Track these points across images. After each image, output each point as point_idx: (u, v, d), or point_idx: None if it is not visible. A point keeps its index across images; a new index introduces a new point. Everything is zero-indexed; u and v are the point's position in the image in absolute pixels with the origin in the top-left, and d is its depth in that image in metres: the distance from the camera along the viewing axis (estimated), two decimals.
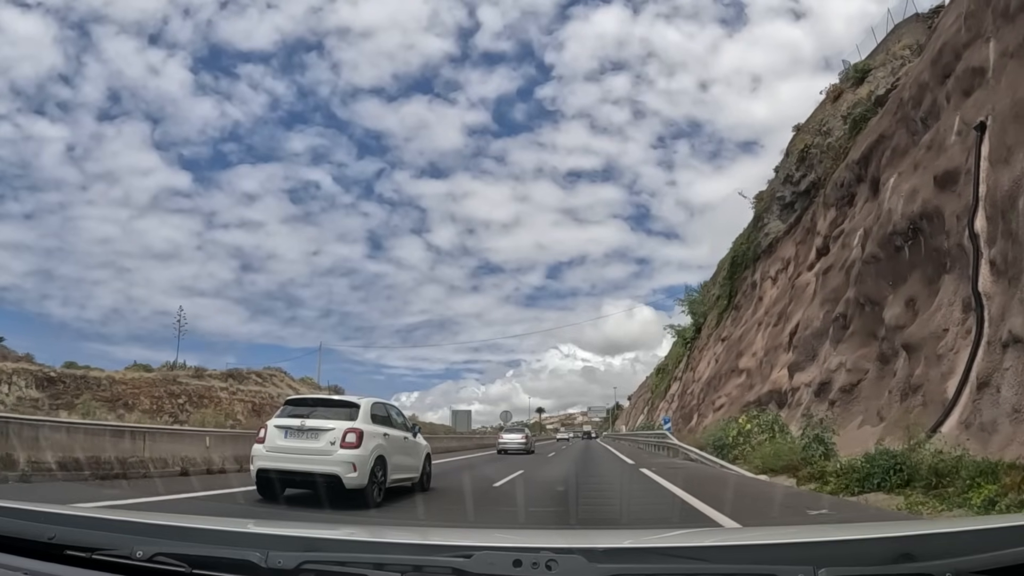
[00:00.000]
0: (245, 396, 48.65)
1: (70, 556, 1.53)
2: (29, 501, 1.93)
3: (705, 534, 2.89)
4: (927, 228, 13.91)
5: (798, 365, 20.25)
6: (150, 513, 2.40)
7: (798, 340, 20.86)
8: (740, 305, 34.21)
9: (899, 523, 4.97)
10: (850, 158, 21.07)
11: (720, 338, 35.89)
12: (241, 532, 1.69)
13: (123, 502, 6.89)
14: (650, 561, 1.48)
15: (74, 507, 2.08)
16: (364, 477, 7.85)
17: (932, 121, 15.14)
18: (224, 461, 12.44)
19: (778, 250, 29.18)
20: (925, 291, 13.74)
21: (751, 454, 14.69)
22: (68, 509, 1.91)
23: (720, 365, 32.99)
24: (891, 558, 1.33)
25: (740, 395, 26.49)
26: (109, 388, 40.76)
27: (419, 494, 9.56)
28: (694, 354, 43.40)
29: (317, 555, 1.47)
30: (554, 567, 1.34)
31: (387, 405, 9.78)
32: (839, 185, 21.79)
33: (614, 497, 10.18)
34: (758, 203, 33.71)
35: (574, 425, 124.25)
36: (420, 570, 1.42)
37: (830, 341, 18.37)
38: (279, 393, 53.24)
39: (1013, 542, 1.33)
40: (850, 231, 19.22)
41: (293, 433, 8.00)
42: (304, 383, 60.45)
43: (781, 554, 1.46)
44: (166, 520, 1.87)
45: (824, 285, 20.07)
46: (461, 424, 70.00)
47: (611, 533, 3.03)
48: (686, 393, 41.88)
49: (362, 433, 8.02)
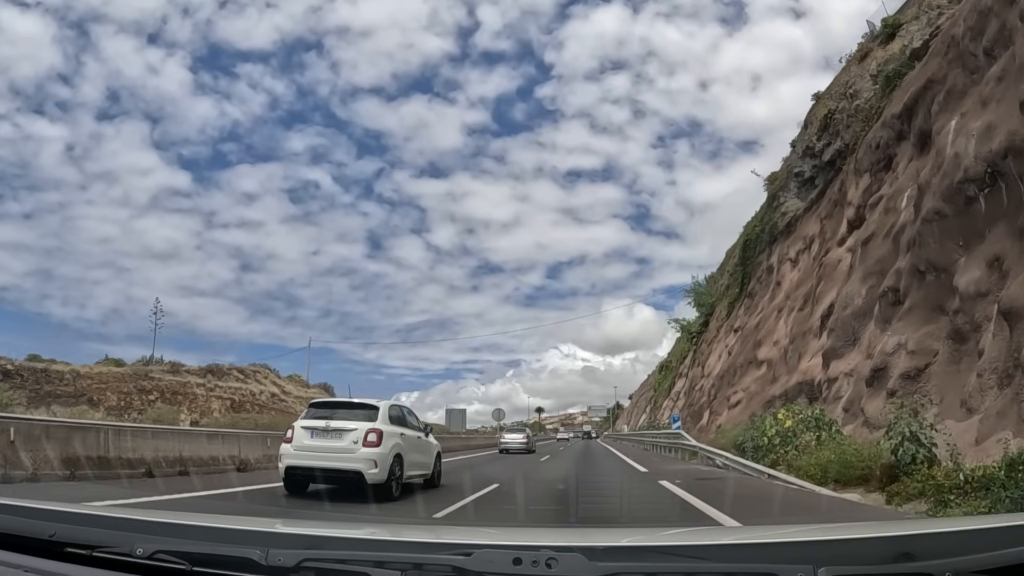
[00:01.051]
0: (224, 393, 47.78)
1: (70, 553, 1.60)
2: (30, 499, 2.04)
3: (705, 533, 2.97)
4: (1012, 168, 12.03)
5: (835, 352, 18.27)
6: (150, 511, 2.50)
7: (834, 323, 18.93)
8: (754, 292, 32.77)
9: (899, 522, 5.08)
10: (887, 115, 19.67)
11: (732, 329, 34.75)
12: (241, 530, 1.74)
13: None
14: (650, 559, 1.54)
15: (74, 505, 2.15)
16: (384, 473, 8.82)
17: (1000, 50, 13.71)
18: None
19: (798, 229, 27.96)
20: (1016, 246, 11.78)
21: (797, 459, 12.43)
22: (68, 507, 1.97)
23: (734, 358, 31.56)
24: (891, 557, 1.39)
25: (761, 389, 24.93)
26: (72, 383, 39.81)
27: (431, 490, 10.58)
28: (702, 348, 42.26)
29: (317, 553, 1.53)
30: (554, 565, 1.39)
31: (402, 407, 10.79)
32: (874, 147, 20.29)
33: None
34: (771, 184, 32.72)
35: (574, 425, 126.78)
36: (420, 568, 1.47)
37: (876, 321, 16.51)
38: (262, 390, 52.19)
39: (1012, 542, 1.38)
40: (894, 194, 17.70)
41: (319, 433, 9.01)
42: (292, 380, 59.73)
43: (781, 553, 1.52)
44: (166, 518, 1.96)
45: (865, 258, 18.39)
46: (455, 423, 69.93)
47: (611, 531, 3.10)
48: (694, 390, 40.60)
49: (382, 433, 9.00)
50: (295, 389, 58.41)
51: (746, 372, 28.31)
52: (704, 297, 44.32)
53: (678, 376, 51.36)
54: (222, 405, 44.77)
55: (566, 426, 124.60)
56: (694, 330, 47.08)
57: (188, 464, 11.63)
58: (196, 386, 46.24)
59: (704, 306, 44.16)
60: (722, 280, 43.30)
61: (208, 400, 45.29)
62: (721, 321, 38.93)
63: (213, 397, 46.05)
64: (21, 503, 1.86)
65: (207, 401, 44.94)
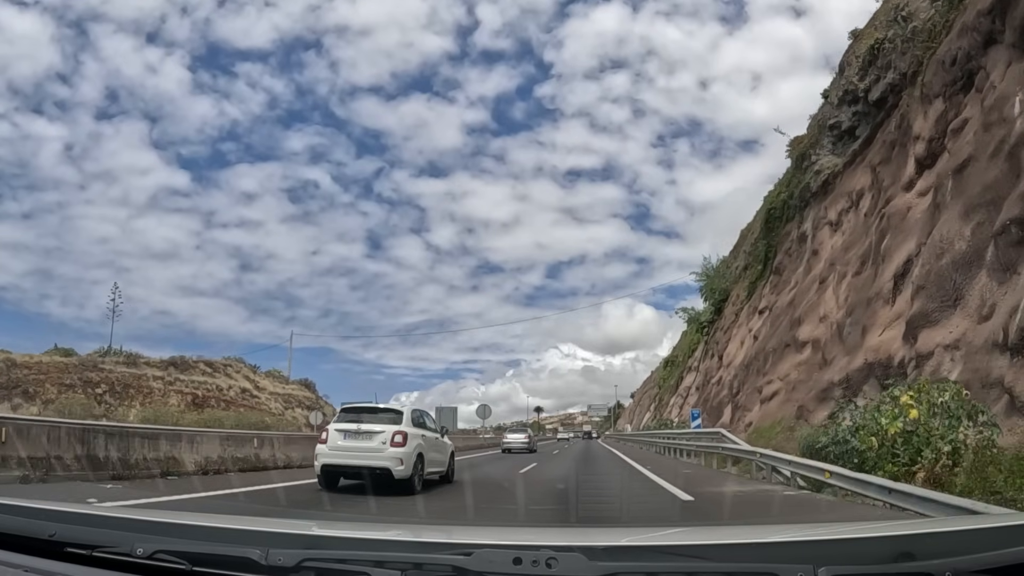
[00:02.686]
0: (185, 387, 46.10)
1: (70, 553, 1.69)
2: (29, 498, 2.12)
3: (705, 532, 3.03)
4: None
5: (926, 317, 14.89)
6: (150, 510, 2.67)
7: (922, 279, 15.71)
8: (782, 267, 30.45)
9: (899, 522, 5.21)
10: (967, 19, 17.34)
11: (756, 311, 32.53)
12: (241, 530, 1.83)
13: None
14: (650, 559, 1.62)
15: (74, 504, 2.24)
16: (409, 469, 10.43)
17: None
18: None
19: (838, 186, 26.12)
20: None
21: (957, 474, 8.40)
22: (68, 506, 2.07)
23: (763, 342, 28.78)
24: (891, 557, 1.46)
25: (807, 377, 21.66)
26: (6, 372, 38.58)
27: (446, 484, 12.34)
28: (716, 337, 40.32)
29: (317, 553, 1.61)
30: (554, 565, 1.47)
31: (422, 411, 12.64)
32: (948, 64, 18.15)
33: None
34: (794, 148, 30.99)
35: (573, 425, 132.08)
36: (420, 568, 1.55)
37: (990, 269, 13.15)
38: (231, 385, 50.35)
39: (1012, 542, 1.46)
40: (995, 104, 15.21)
41: (351, 435, 10.68)
42: (270, 376, 58.19)
43: (781, 552, 1.59)
44: (166, 517, 2.07)
45: (961, 190, 15.45)
46: (446, 422, 71.18)
47: (611, 531, 3.21)
48: (709, 383, 38.18)
49: (407, 435, 10.63)
50: (271, 385, 56.98)
51: (782, 357, 25.34)
52: (716, 282, 42.31)
53: (687, 371, 50.15)
54: (182, 400, 42.60)
55: (565, 426, 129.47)
56: (704, 319, 45.41)
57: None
58: (153, 379, 44.63)
59: (716, 291, 42.10)
60: (737, 262, 41.15)
61: (166, 394, 43.39)
62: (739, 305, 36.69)
63: (172, 391, 44.30)
64: (21, 503, 1.95)
65: (164, 395, 43.11)
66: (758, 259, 35.30)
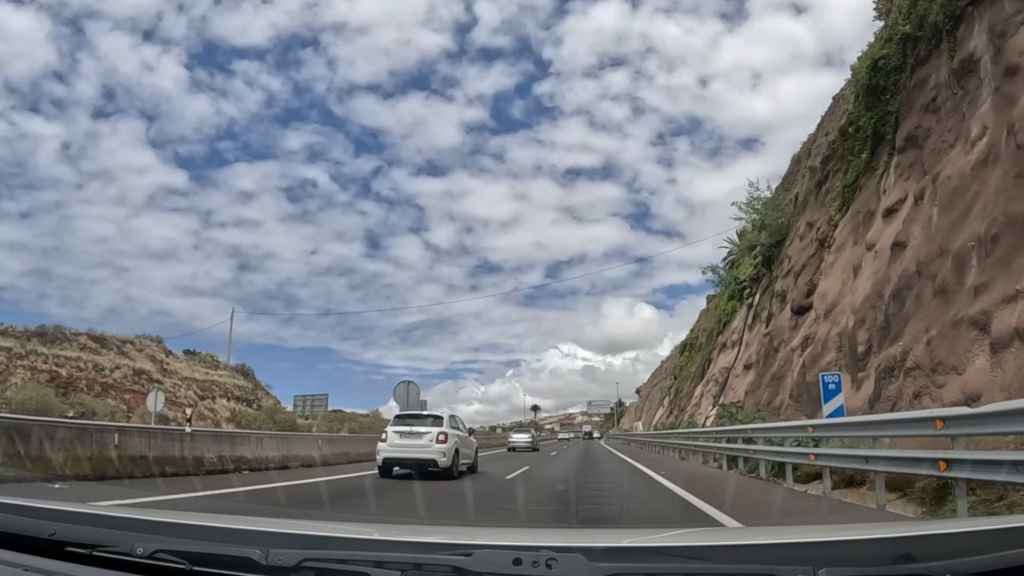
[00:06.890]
0: (50, 364, 41.96)
1: (70, 553, 1.82)
2: (29, 498, 2.23)
3: (705, 534, 3.27)
4: None
5: None
6: (151, 510, 2.90)
7: None
8: (922, 133, 19.42)
9: (899, 523, 5.47)
10: None
11: (871, 216, 21.98)
12: (242, 529, 1.98)
13: None
14: (650, 560, 1.75)
15: (75, 504, 2.38)
16: (450, 461, 15.02)
17: None
18: None
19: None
20: None
21: None
22: (69, 505, 2.20)
23: (927, 244, 16.24)
24: (891, 559, 1.58)
25: None
26: None
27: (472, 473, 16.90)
28: (778, 287, 32.76)
29: (317, 552, 1.74)
30: (554, 566, 1.59)
31: (455, 416, 17.11)
32: None
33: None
34: None
35: (573, 425, 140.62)
36: (420, 568, 1.68)
37: None
38: (118, 365, 46.27)
39: (1013, 543, 1.57)
40: None
41: (405, 435, 15.41)
42: (195, 360, 55.02)
43: (781, 554, 1.72)
44: (167, 517, 2.21)
45: None
46: None
47: (611, 532, 3.43)
48: (777, 351, 29.22)
49: (447, 434, 15.30)
50: (187, 369, 53.24)
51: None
52: (771, 217, 37.06)
53: (718, 350, 45.13)
54: (34, 379, 39.33)
55: (565, 426, 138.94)
56: (746, 277, 41.13)
57: None
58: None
59: (773, 228, 36.62)
60: (794, 189, 36.56)
61: (10, 371, 39.95)
62: (818, 231, 28.22)
63: (22, 367, 40.91)
64: (21, 502, 2.09)
65: (8, 372, 39.80)
66: (858, 147, 25.16)
